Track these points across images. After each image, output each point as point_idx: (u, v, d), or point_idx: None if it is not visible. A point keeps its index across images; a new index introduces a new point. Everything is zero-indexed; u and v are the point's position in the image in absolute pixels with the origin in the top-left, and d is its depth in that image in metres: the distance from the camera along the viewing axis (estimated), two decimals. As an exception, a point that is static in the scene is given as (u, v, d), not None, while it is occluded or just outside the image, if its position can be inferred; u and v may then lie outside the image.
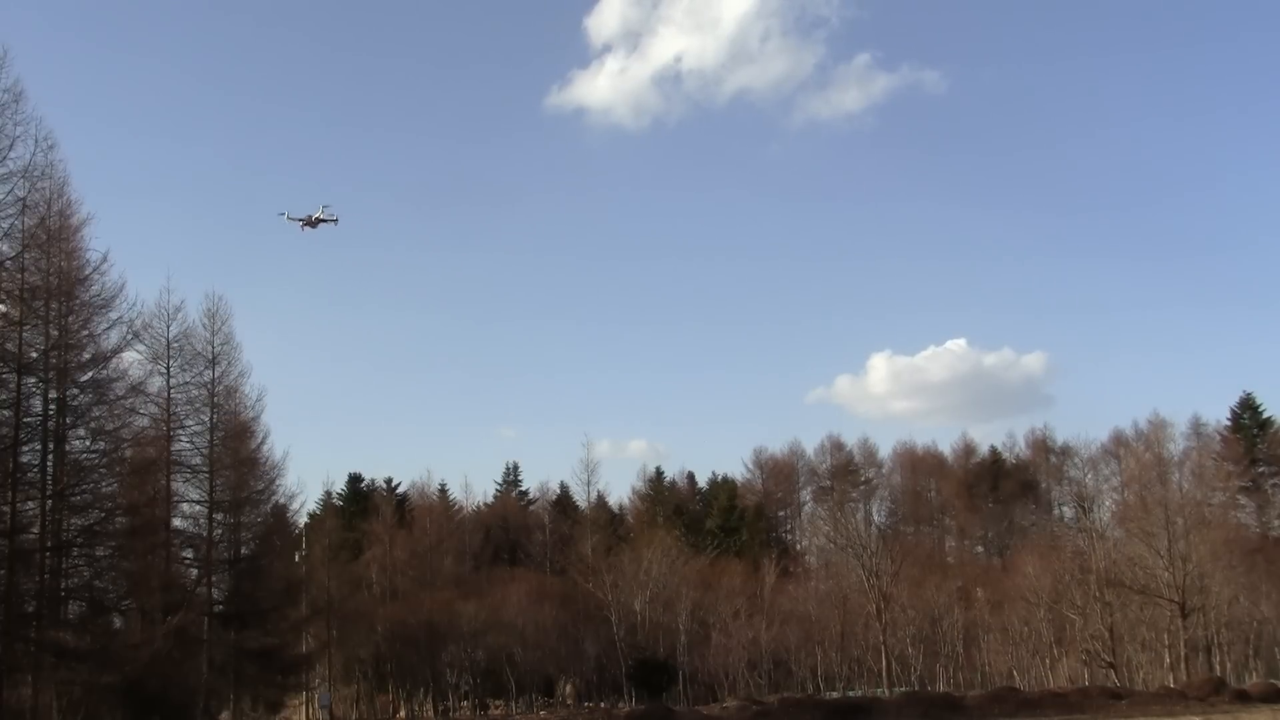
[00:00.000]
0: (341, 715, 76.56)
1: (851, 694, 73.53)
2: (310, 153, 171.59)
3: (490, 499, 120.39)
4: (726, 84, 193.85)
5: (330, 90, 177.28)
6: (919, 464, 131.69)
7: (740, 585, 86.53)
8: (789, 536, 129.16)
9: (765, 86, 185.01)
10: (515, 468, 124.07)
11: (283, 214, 68.21)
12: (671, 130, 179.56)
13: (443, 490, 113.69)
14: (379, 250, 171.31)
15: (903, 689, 71.60)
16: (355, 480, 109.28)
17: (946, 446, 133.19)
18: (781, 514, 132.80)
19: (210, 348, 60.21)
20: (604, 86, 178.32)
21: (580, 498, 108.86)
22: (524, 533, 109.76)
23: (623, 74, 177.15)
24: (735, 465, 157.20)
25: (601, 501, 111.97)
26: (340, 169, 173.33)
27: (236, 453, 62.39)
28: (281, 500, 70.39)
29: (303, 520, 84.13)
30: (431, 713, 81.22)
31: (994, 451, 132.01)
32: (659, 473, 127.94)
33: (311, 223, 64.97)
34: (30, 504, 47.32)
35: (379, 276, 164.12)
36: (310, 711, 75.16)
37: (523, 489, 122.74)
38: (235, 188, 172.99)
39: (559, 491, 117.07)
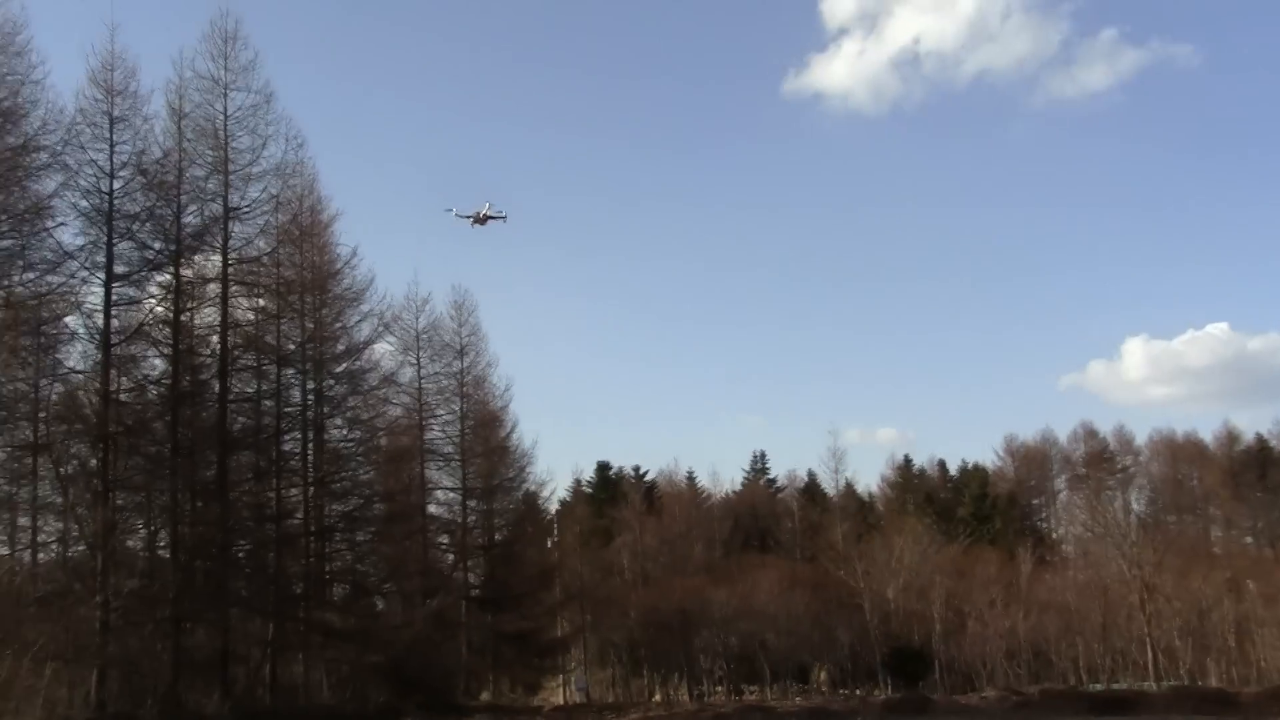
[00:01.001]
0: (598, 698, 77.49)
1: (1116, 687, 71.07)
2: (539, 145, 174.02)
3: (738, 487, 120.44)
4: (966, 65, 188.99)
5: (563, 83, 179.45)
6: (1179, 451, 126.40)
7: (995, 574, 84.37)
8: (1043, 525, 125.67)
9: (1006, 66, 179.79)
10: (762, 456, 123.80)
11: (450, 210, 67.24)
12: (911, 114, 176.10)
13: (690, 478, 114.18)
14: (623, 240, 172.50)
15: (1170, 683, 68.81)
16: (604, 468, 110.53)
17: (1208, 434, 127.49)
18: (1035, 502, 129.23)
19: (458, 339, 61.85)
20: (841, 71, 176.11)
21: (828, 485, 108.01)
22: (772, 520, 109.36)
23: (860, 57, 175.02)
24: (984, 453, 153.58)
25: (850, 489, 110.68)
26: (578, 161, 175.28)
27: (487, 441, 63.82)
28: (532, 487, 71.63)
29: (553, 507, 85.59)
30: (686, 697, 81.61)
31: (1260, 439, 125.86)
32: (908, 460, 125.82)
33: (480, 219, 64.87)
34: (294, 491, 49.63)
35: (625, 267, 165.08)
36: (567, 694, 76.41)
37: (770, 476, 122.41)
38: (473, 181, 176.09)
39: (806, 479, 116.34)
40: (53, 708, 31.46)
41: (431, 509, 61.56)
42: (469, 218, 63.25)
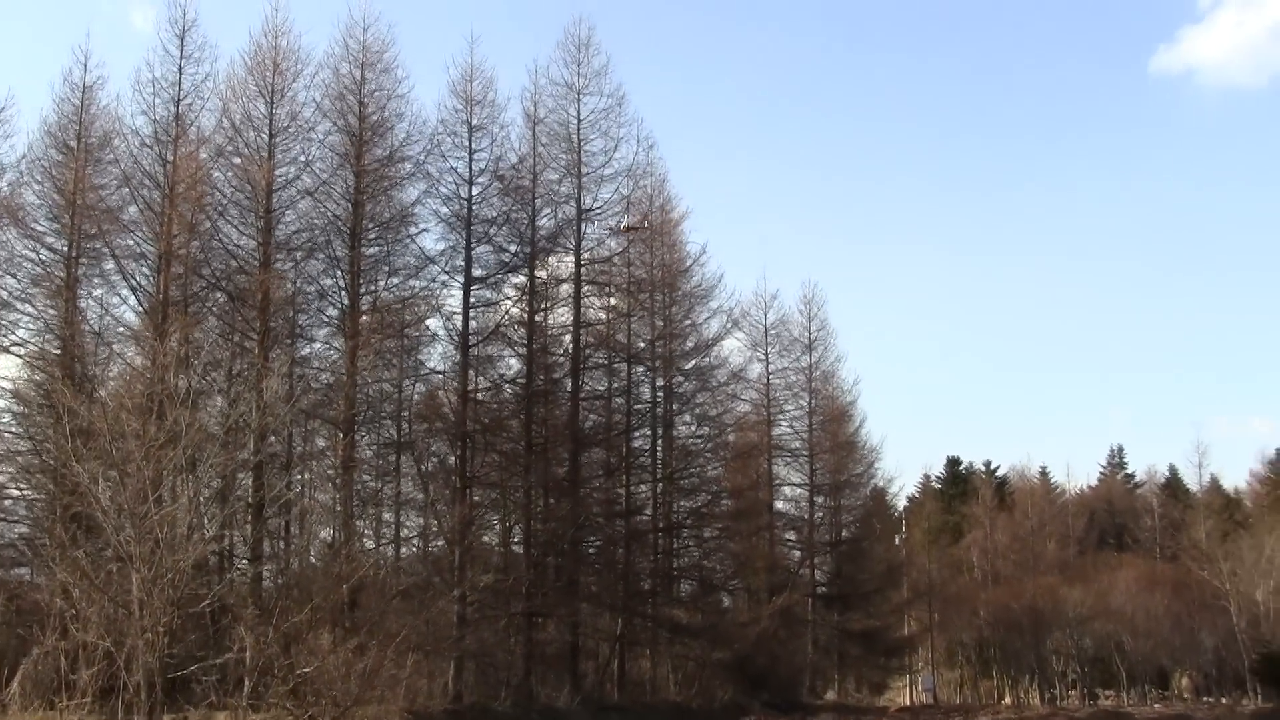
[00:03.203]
0: (945, 699, 75.97)
1: None
2: (894, 136, 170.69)
3: (1093, 481, 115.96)
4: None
5: (917, 73, 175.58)
6: None
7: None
8: None
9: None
10: (1120, 449, 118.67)
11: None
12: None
13: (1043, 473, 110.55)
14: (978, 232, 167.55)
15: None
16: (954, 463, 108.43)
17: None
18: None
19: (807, 334, 61.48)
20: (1217, 43, 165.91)
21: (1190, 481, 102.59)
22: (1130, 517, 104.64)
23: (1238, 28, 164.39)
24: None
25: (1214, 484, 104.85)
26: (936, 153, 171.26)
27: (835, 436, 63.26)
28: (880, 483, 70.91)
29: (901, 503, 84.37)
30: (1037, 700, 79.09)
31: None
32: None
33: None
34: (643, 487, 50.32)
35: (983, 260, 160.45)
36: (914, 694, 75.20)
37: (1128, 471, 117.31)
38: (827, 175, 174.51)
39: (1167, 474, 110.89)
40: (414, 697, 32.74)
41: (778, 505, 61.54)
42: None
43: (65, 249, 37.16)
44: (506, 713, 36.63)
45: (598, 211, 44.36)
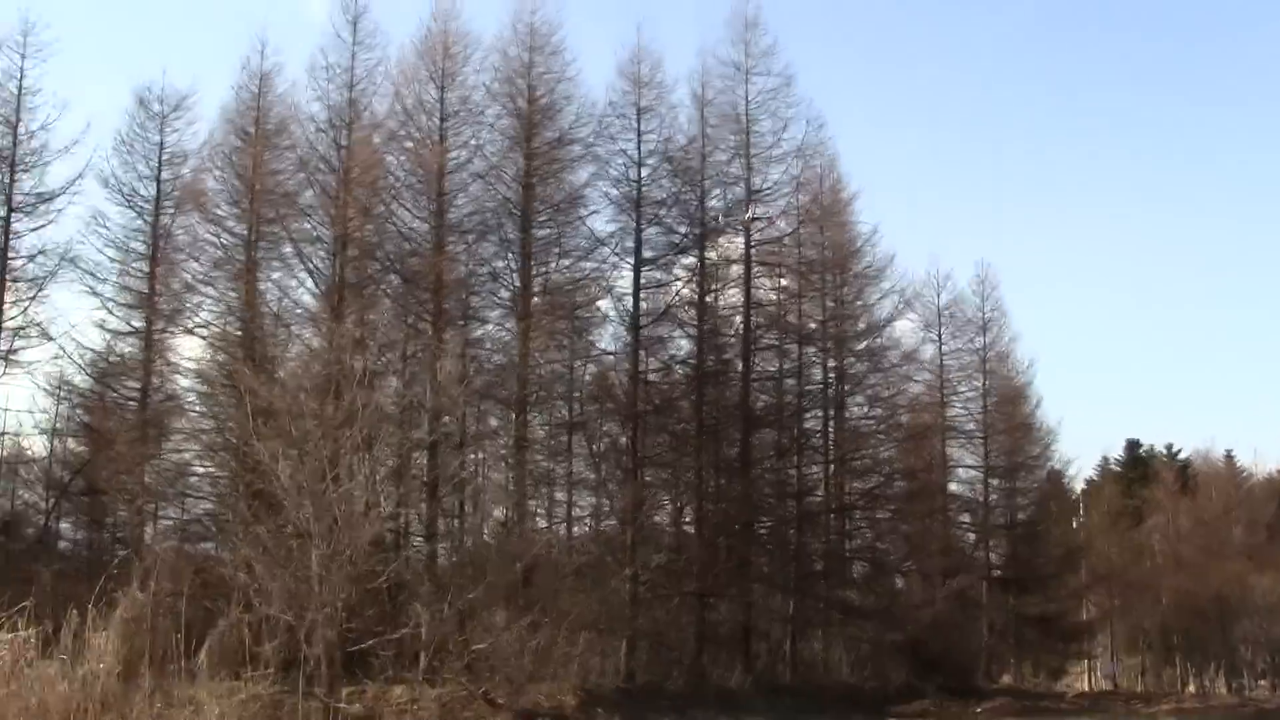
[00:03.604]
0: (1125, 687, 74.02)
1: None
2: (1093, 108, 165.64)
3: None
4: None
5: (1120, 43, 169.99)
6: None
7: None
8: None
9: None
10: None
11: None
12: None
13: (1229, 456, 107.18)
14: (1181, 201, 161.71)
15: None
16: (1134, 446, 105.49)
17: None
18: None
19: (981, 314, 60.23)
20: None
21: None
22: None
23: None
24: None
25: None
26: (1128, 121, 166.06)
27: (1010, 418, 61.91)
28: (1057, 465, 69.40)
29: (1079, 486, 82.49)
30: (1224, 690, 76.68)
31: None
32: None
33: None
34: (814, 468, 49.97)
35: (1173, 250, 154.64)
36: (1093, 680, 73.50)
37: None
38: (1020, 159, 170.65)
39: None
40: (586, 675, 32.97)
41: (952, 487, 60.40)
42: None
43: (245, 233, 38.19)
44: (679, 692, 36.62)
45: (768, 192, 44.14)
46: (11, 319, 38.76)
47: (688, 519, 44.68)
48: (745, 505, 42.80)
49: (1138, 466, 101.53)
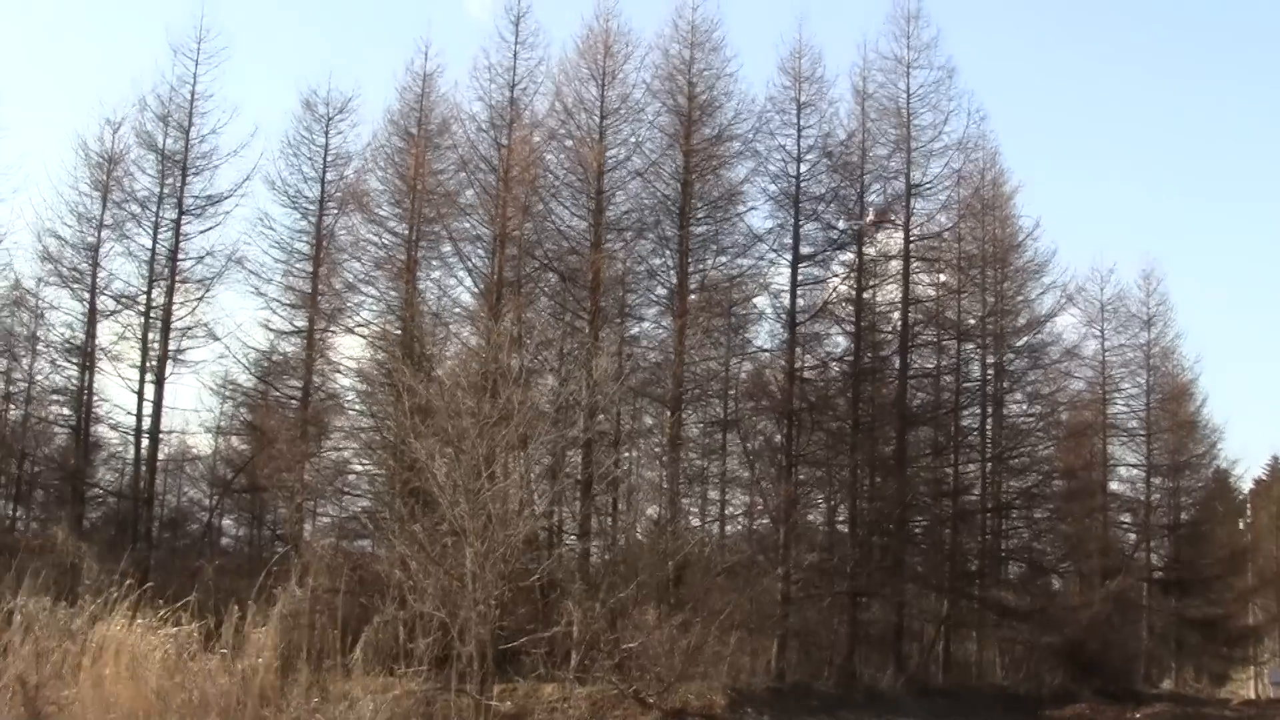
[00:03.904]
0: (1295, 694, 71.86)
1: None
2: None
3: None
4: None
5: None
6: None
7: None
8: None
9: None
10: None
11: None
12: None
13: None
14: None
15: None
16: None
17: None
18: None
19: (1145, 309, 58.75)
20: None
21: None
22: None
23: None
24: None
25: None
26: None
27: (1174, 415, 60.37)
28: (1223, 465, 67.40)
29: (1246, 486, 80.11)
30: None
31: None
32: None
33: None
34: (971, 466, 49.22)
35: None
36: (1259, 687, 71.35)
37: None
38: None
39: None
40: (737, 674, 32.98)
41: (1113, 486, 59.05)
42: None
43: (406, 233, 38.79)
44: (830, 692, 36.42)
45: (928, 186, 43.31)
46: (180, 319, 40.33)
47: (841, 518, 44.41)
48: (900, 504, 42.32)
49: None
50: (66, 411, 42.04)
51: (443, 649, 23.73)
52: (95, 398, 40.89)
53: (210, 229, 41.04)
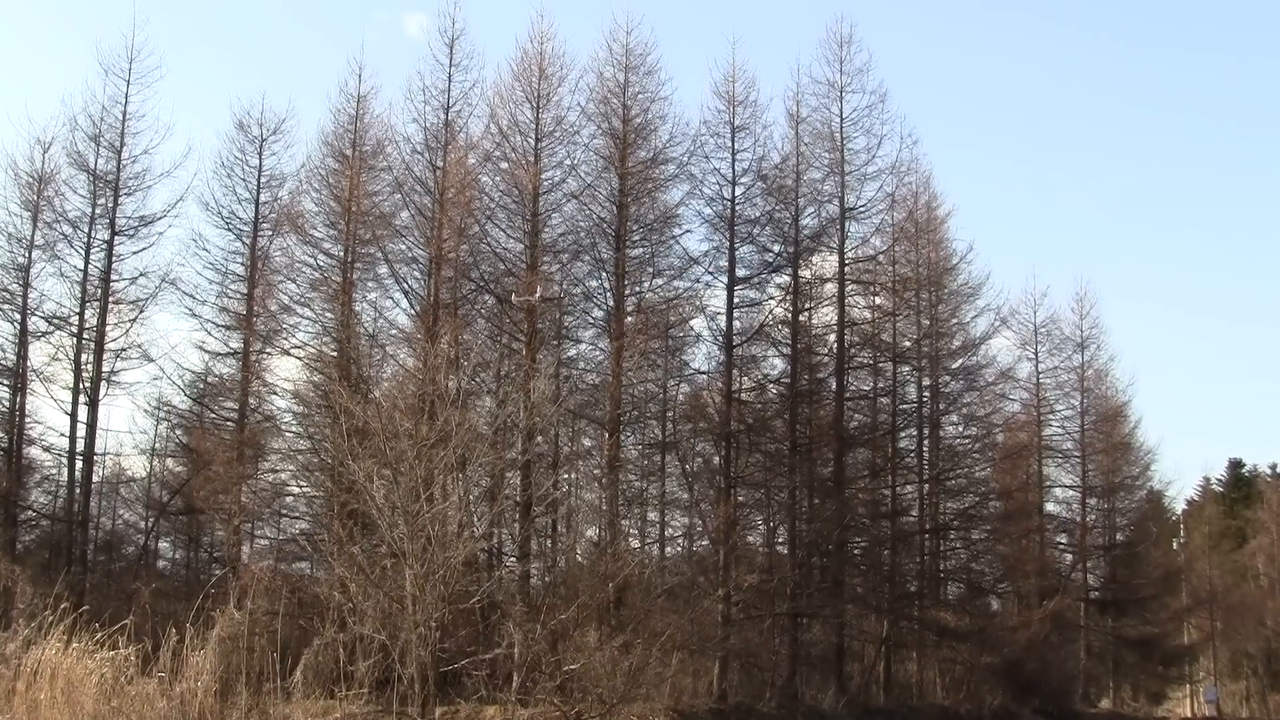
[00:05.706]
0: (1229, 712, 72.58)
1: None
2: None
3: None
4: None
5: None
6: None
7: None
8: None
9: None
10: None
11: None
12: None
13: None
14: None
15: None
16: (1236, 466, 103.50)
17: None
18: None
19: (1079, 332, 59.52)
20: None
21: None
22: None
23: None
24: None
25: None
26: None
27: (1109, 437, 61.13)
28: (1157, 486, 68.42)
29: (1179, 507, 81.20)
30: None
31: None
32: None
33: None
34: (909, 488, 49.49)
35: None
36: (1195, 706, 72.08)
37: None
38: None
39: None
40: (679, 695, 32.85)
41: (1049, 507, 59.75)
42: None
43: (341, 254, 38.62)
44: (771, 713, 36.35)
45: (861, 210, 43.64)
46: (113, 340, 39.88)
47: (781, 539, 44.45)
48: (839, 525, 42.33)
49: (1241, 487, 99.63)
50: (-2, 434, 41.39)
51: (383, 671, 23.57)
52: (28, 419, 40.40)
53: (143, 250, 40.78)
